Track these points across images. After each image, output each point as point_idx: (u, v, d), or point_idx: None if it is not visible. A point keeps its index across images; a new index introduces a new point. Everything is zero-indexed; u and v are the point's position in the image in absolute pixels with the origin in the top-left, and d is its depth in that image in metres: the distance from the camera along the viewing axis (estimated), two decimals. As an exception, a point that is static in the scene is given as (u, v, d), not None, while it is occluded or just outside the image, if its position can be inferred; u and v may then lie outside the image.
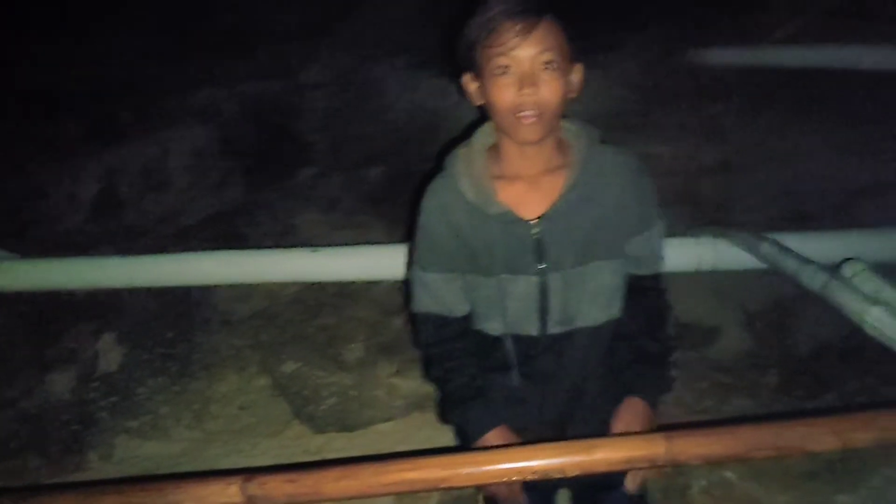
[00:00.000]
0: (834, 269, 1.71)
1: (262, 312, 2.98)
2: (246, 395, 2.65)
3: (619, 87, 3.68)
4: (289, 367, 2.71)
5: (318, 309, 2.92)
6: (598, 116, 3.01)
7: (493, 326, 1.50)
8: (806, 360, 2.51)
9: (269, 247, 3.37)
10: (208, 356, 2.82)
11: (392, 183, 3.60)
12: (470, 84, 1.39)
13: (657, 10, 4.06)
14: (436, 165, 1.55)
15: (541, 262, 1.41)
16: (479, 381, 1.51)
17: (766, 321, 2.63)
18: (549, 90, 1.27)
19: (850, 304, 1.61)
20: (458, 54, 1.38)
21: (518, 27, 1.24)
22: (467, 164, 1.45)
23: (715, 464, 2.03)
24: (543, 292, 1.43)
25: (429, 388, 2.52)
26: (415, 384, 2.59)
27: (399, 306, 2.88)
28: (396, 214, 3.45)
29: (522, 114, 1.29)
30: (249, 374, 2.73)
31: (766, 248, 2.12)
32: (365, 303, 2.93)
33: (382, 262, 2.63)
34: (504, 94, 1.29)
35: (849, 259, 1.69)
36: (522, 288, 1.43)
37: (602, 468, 1.02)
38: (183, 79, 4.27)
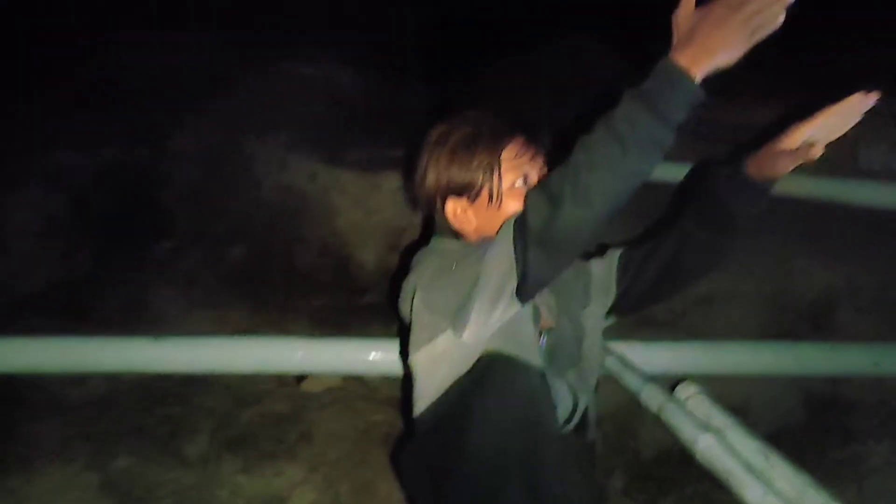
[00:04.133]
0: (670, 390, 1.76)
1: (99, 399, 2.74)
2: (69, 494, 2.39)
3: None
4: (122, 461, 2.49)
5: (161, 396, 2.73)
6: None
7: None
8: (650, 463, 2.57)
9: (116, 324, 3.17)
10: (31, 447, 2.54)
11: (255, 263, 3.49)
12: (458, 210, 1.38)
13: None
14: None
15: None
16: None
17: (613, 424, 2.67)
18: None
19: (683, 429, 1.65)
20: (438, 185, 1.35)
21: (531, 139, 1.29)
22: None
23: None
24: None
25: (278, 488, 2.39)
26: (262, 483, 2.43)
27: (252, 396, 2.74)
28: (258, 297, 3.34)
29: None
30: (76, 469, 2.47)
31: (609, 362, 2.17)
32: (216, 391, 2.76)
33: (235, 355, 2.49)
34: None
35: (684, 381, 1.75)
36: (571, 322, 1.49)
37: None
38: (34, 139, 4.01)
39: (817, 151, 1.26)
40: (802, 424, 2.75)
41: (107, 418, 2.66)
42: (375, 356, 2.53)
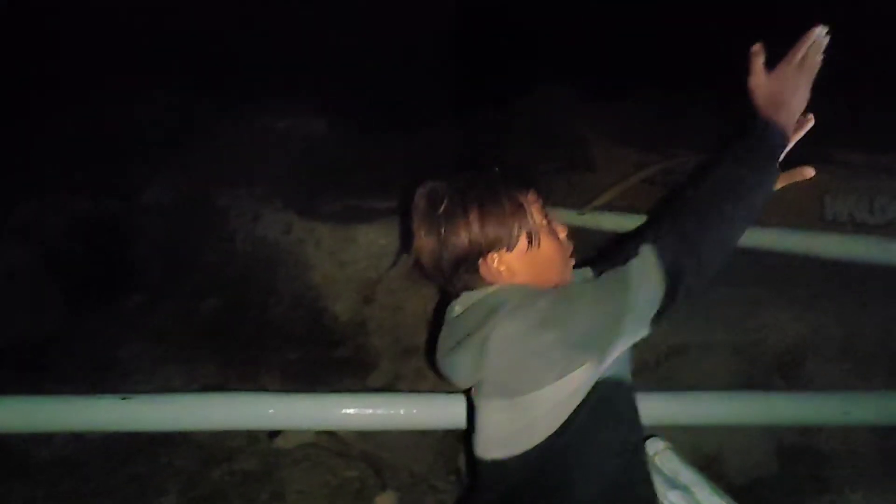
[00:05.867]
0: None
1: (65, 459, 2.69)
2: (33, 558, 2.34)
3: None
4: (88, 524, 2.43)
5: (128, 456, 2.68)
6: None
7: None
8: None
9: (84, 380, 3.12)
10: (-7, 510, 2.49)
11: (227, 316, 3.47)
12: (501, 261, 1.37)
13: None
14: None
15: None
16: None
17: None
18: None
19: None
20: (471, 244, 1.35)
21: (535, 187, 1.40)
22: None
23: None
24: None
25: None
26: (230, 545, 2.39)
27: (221, 454, 2.69)
28: (230, 350, 3.31)
29: (571, 252, 1.42)
30: (39, 533, 2.42)
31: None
32: (184, 449, 2.71)
33: (203, 413, 2.44)
34: (558, 242, 1.40)
35: (652, 437, 1.74)
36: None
37: None
38: (3, 192, 3.98)
39: (810, 172, 1.39)
40: (776, 475, 2.76)
41: (73, 478, 2.61)
42: (348, 411, 2.50)
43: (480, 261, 1.36)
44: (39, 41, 5.41)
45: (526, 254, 1.36)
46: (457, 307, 1.42)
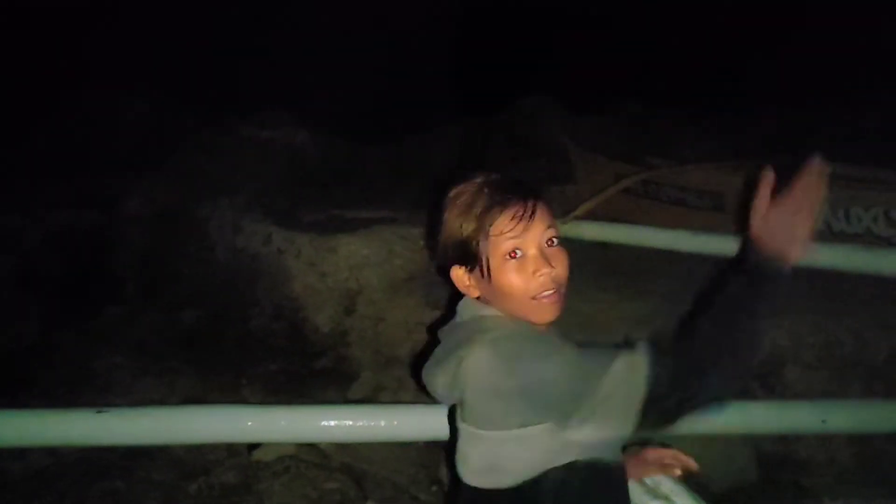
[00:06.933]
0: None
1: (41, 473, 2.65)
2: (6, 575, 2.30)
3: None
4: (63, 539, 2.40)
5: (104, 470, 2.64)
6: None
7: None
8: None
9: (62, 393, 3.09)
10: (-34, 526, 2.44)
11: (207, 328, 3.44)
12: (464, 277, 1.32)
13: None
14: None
15: None
16: None
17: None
18: (562, 265, 1.27)
19: (632, 495, 1.64)
20: (445, 250, 1.31)
21: (522, 211, 1.25)
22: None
23: None
24: None
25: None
26: (210, 559, 2.36)
27: (200, 467, 2.67)
28: (210, 362, 3.29)
29: (543, 294, 1.25)
30: (15, 549, 2.38)
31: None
32: (160, 463, 2.68)
33: (180, 426, 2.41)
34: (519, 278, 1.26)
35: (632, 445, 1.74)
36: None
37: None
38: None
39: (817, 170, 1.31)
40: (756, 483, 2.77)
41: (48, 493, 2.57)
42: (329, 423, 2.48)
43: (451, 267, 1.34)
44: (17, 52, 5.38)
45: (480, 281, 1.31)
46: (456, 318, 1.40)
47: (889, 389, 2.95)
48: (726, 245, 3.33)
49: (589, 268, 3.50)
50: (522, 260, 1.27)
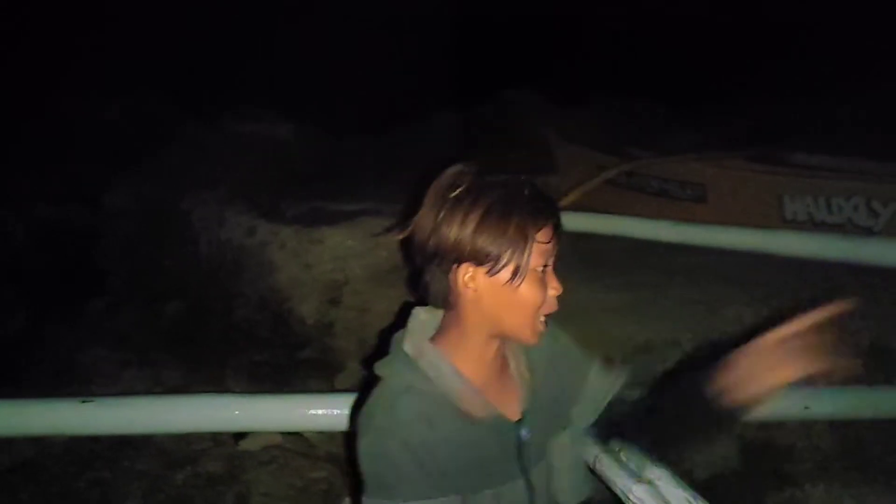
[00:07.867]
0: (604, 442, 1.77)
1: (26, 464, 2.64)
2: (-9, 566, 2.29)
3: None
4: (49, 529, 2.39)
5: (91, 460, 2.64)
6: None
7: None
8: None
9: (47, 384, 3.08)
10: (-51, 518, 2.43)
11: (192, 319, 3.44)
12: (474, 278, 1.23)
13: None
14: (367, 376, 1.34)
15: (523, 462, 1.31)
16: None
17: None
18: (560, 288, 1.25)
19: (617, 479, 1.65)
20: (466, 248, 1.20)
21: (559, 223, 1.22)
22: (433, 366, 1.27)
23: None
24: (530, 490, 1.33)
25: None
26: (194, 548, 2.37)
27: (185, 457, 2.66)
28: (195, 353, 3.28)
29: (548, 313, 1.24)
30: (0, 539, 2.38)
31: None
32: (146, 453, 2.68)
33: (166, 416, 2.41)
34: (541, 293, 1.22)
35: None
36: (514, 494, 1.30)
37: None
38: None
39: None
40: (738, 470, 2.79)
41: (34, 484, 2.57)
42: (315, 412, 2.48)
43: (455, 265, 1.24)
44: (2, 48, 5.34)
45: (502, 287, 1.23)
46: (421, 314, 1.34)
47: (871, 376, 2.99)
48: (708, 236, 3.38)
49: (572, 258, 3.52)
50: (545, 275, 1.24)
